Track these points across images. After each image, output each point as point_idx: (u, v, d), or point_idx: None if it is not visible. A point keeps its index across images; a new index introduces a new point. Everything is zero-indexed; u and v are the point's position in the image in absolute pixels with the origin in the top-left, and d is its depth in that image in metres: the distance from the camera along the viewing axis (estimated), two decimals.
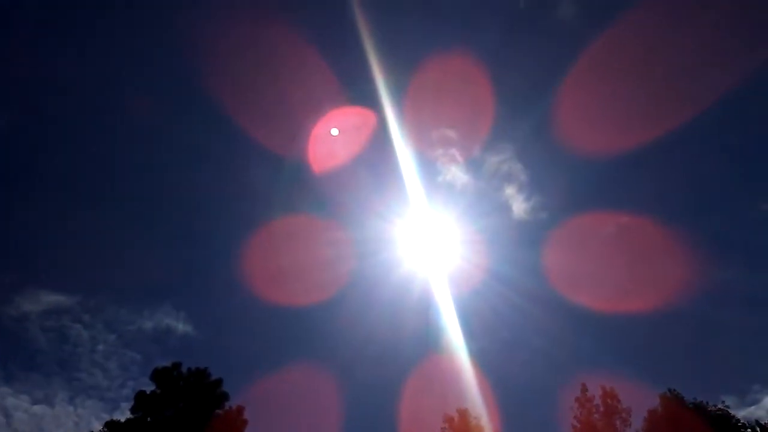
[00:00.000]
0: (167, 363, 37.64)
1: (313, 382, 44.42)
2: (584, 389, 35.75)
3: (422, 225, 51.07)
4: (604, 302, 47.52)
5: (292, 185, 54.72)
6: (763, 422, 33.06)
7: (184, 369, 37.54)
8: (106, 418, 35.75)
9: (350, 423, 42.76)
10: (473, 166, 58.47)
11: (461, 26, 58.28)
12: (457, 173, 57.17)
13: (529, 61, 58.99)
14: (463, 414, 36.29)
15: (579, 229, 52.70)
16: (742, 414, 35.19)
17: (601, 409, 34.91)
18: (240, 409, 37.13)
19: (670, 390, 34.53)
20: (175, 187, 62.23)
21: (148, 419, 35.62)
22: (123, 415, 35.98)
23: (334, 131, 51.64)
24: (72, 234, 56.71)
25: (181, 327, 56.28)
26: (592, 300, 47.61)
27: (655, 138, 51.27)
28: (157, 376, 36.99)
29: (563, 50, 55.03)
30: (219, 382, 37.43)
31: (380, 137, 49.64)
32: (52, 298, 53.08)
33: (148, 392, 36.47)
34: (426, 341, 44.81)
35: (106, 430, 34.78)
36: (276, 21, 50.22)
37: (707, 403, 33.98)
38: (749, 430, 32.82)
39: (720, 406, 33.73)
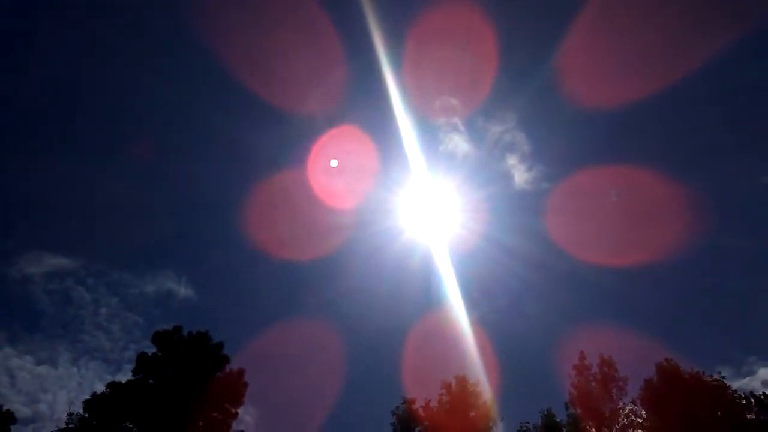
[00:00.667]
0: (169, 326, 37.84)
1: (314, 338, 44.81)
2: (582, 357, 36.06)
3: (424, 193, 50.82)
4: (606, 256, 47.66)
5: (298, 142, 54.08)
6: (758, 393, 33.42)
7: (185, 332, 37.76)
8: (109, 379, 36.10)
9: (352, 380, 43.29)
10: (475, 135, 57.90)
11: None
12: (459, 142, 56.67)
13: (531, 16, 57.54)
14: (461, 381, 36.54)
15: (582, 185, 52.27)
16: (737, 385, 35.69)
17: (599, 377, 35.27)
18: (241, 372, 37.46)
19: (666, 360, 34.78)
20: (176, 149, 61.82)
21: (150, 381, 35.96)
22: (125, 376, 36.39)
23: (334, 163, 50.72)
24: (74, 197, 56.61)
25: (183, 291, 56.72)
26: (594, 255, 47.83)
27: (660, 90, 50.42)
28: (158, 338, 37.20)
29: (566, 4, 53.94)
30: (220, 345, 37.66)
31: (381, 105, 48.96)
32: (54, 261, 53.26)
33: (149, 354, 36.76)
34: (427, 306, 45.05)
35: (108, 391, 35.01)
36: None
37: (703, 373, 34.26)
38: (743, 400, 33.16)
39: (716, 376, 34.07)
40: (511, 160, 59.16)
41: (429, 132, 54.39)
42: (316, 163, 52.17)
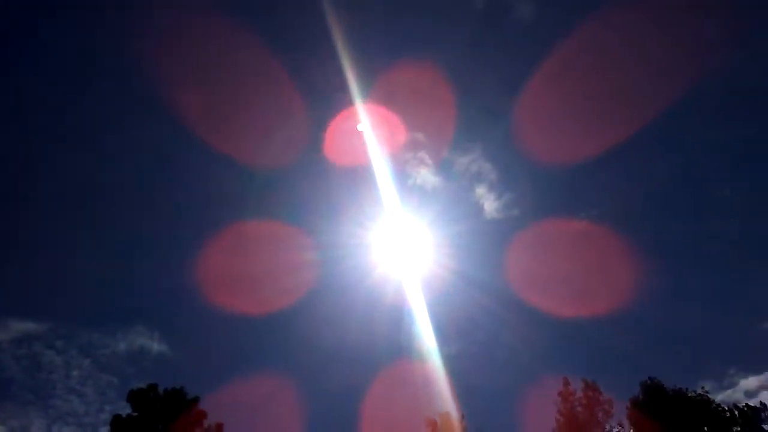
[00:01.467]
0: (144, 384, 36.81)
1: (283, 387, 43.93)
2: (566, 383, 35.81)
3: (395, 229, 51.01)
4: (567, 306, 48.20)
5: (259, 192, 54.34)
6: (740, 405, 33.44)
7: (160, 389, 36.78)
8: None
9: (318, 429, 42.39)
10: (443, 167, 58.79)
11: (427, 31, 58.65)
12: (427, 176, 57.37)
13: (492, 65, 59.87)
14: (446, 417, 35.95)
15: (539, 235, 53.53)
16: (720, 398, 35.62)
17: (584, 401, 35.00)
18: (219, 426, 36.44)
19: (650, 378, 34.81)
20: (137, 202, 61.28)
21: None
22: None
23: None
24: (33, 259, 55.54)
25: (156, 346, 55.30)
26: (554, 304, 48.26)
27: (612, 145, 52.36)
28: (133, 398, 36.07)
29: (525, 55, 56.09)
30: (196, 400, 36.65)
31: (352, 143, 49.61)
32: (21, 326, 51.79)
33: (124, 416, 35.62)
34: (399, 346, 44.57)
35: None
36: (244, 28, 50.00)
37: (687, 389, 34.25)
38: (728, 413, 33.09)
39: (700, 391, 34.06)
40: (480, 190, 59.91)
41: (397, 167, 55.03)
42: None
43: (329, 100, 50.99)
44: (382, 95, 50.09)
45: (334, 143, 50.96)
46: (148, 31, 50.65)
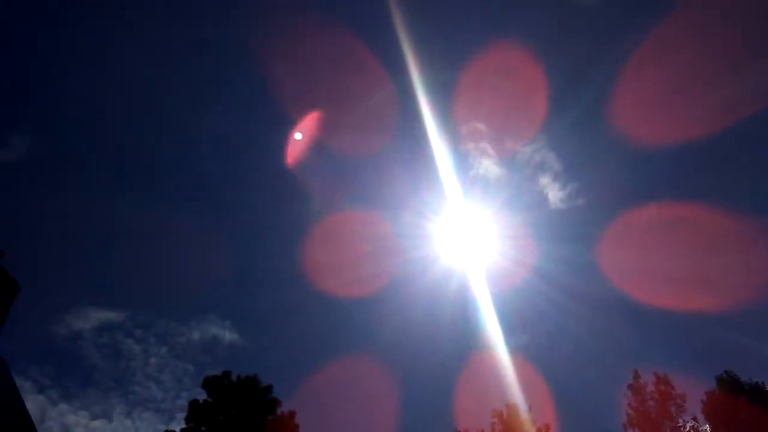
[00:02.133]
0: (218, 372, 38.30)
1: (358, 376, 44.60)
2: (636, 376, 35.34)
3: (458, 220, 50.87)
4: (664, 298, 46.10)
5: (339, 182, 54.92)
6: None
7: (234, 377, 38.19)
8: (163, 429, 36.56)
9: (402, 412, 42.83)
10: (506, 157, 58.02)
11: (510, 17, 57.38)
12: (490, 166, 56.80)
13: (576, 49, 57.72)
14: (512, 408, 36.01)
15: (634, 222, 51.31)
16: None
17: (656, 396, 34.42)
18: (291, 414, 37.54)
19: (726, 372, 33.97)
20: (214, 193, 63.09)
21: (203, 428, 36.30)
22: (179, 425, 36.56)
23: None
24: (113, 249, 58.18)
25: (228, 336, 57.29)
26: (649, 295, 46.26)
27: (716, 129, 49.34)
28: (208, 385, 37.60)
29: (611, 36, 53.96)
30: (269, 388, 37.88)
31: (416, 132, 49.60)
32: (101, 315, 54.50)
33: (200, 401, 37.19)
34: (465, 339, 44.64)
35: None
36: (321, 22, 50.42)
37: (764, 383, 33.30)
38: None
39: None
40: (544, 180, 58.83)
41: (458, 158, 54.60)
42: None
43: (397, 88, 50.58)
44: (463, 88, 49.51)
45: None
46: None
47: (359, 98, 52.42)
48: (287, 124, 58.69)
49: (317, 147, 53.60)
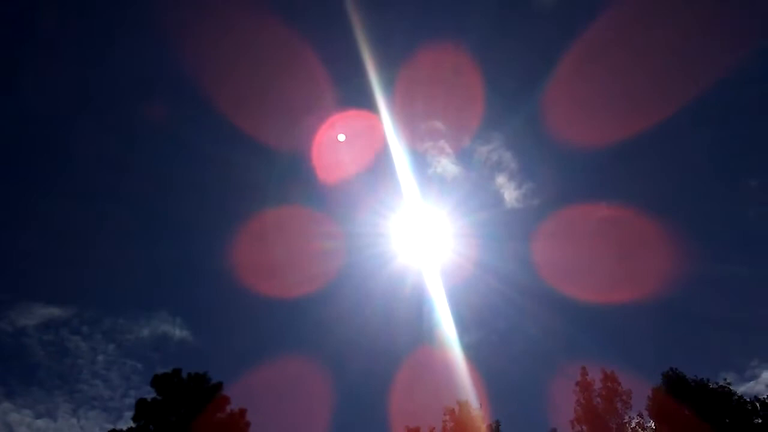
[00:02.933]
0: (168, 370, 37.62)
1: (307, 373, 44.47)
2: (584, 373, 35.75)
3: (415, 218, 51.01)
4: (594, 293, 47.67)
5: (284, 177, 54.63)
6: (762, 397, 32.99)
7: (184, 374, 37.55)
8: (110, 428, 35.59)
9: (342, 414, 42.85)
10: (463, 156, 58.53)
11: (451, 17, 58.17)
12: (447, 165, 57.17)
13: (519, 51, 58.98)
14: (464, 406, 36.14)
15: (567, 221, 52.95)
16: (741, 389, 35.42)
17: (603, 392, 34.88)
18: (242, 412, 37.06)
19: (671, 369, 34.51)
20: (161, 188, 62.15)
21: (150, 427, 35.60)
22: (126, 424, 35.81)
23: (341, 137, 51.49)
24: (59, 243, 56.81)
25: (178, 333, 56.47)
26: (581, 291, 47.74)
27: (643, 129, 51.57)
28: (157, 382, 36.93)
29: (552, 40, 55.19)
30: (219, 385, 37.38)
31: (373, 133, 49.66)
32: (46, 311, 53.18)
33: (149, 400, 36.46)
34: (419, 334, 44.81)
35: None
36: (268, 15, 50.25)
37: (708, 380, 33.91)
38: (749, 405, 32.69)
39: (722, 383, 33.68)
40: (500, 179, 59.48)
41: (417, 156, 54.92)
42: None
43: (351, 86, 50.83)
44: (405, 82, 49.85)
45: (351, 132, 51.14)
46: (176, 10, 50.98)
47: (312, 100, 52.46)
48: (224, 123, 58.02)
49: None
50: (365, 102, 47.81)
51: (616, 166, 60.81)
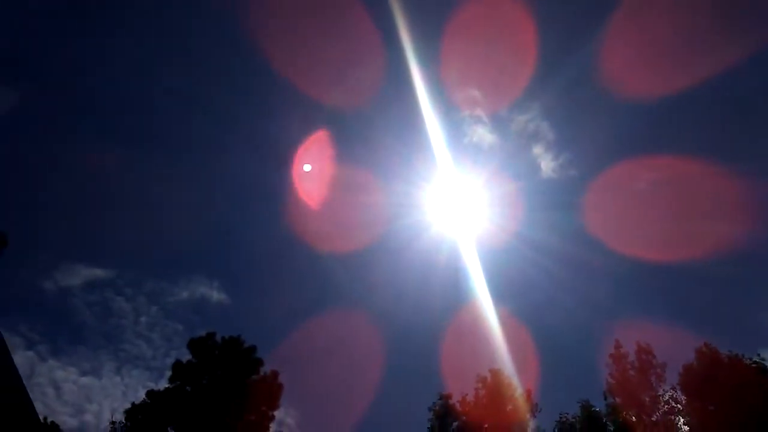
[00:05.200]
0: (205, 332, 38.13)
1: (350, 331, 44.71)
2: (618, 345, 35.85)
3: (450, 188, 50.57)
4: (644, 251, 46.80)
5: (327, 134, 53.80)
6: None
7: (218, 338, 38.00)
8: (152, 386, 36.43)
9: (385, 376, 43.26)
10: (499, 125, 57.62)
11: None
12: (484, 134, 56.33)
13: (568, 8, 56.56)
14: (496, 374, 36.49)
15: (619, 176, 51.44)
16: None
17: (636, 365, 35.06)
18: (275, 374, 37.63)
19: (705, 344, 34.50)
20: (204, 146, 61.72)
21: (187, 388, 36.21)
22: (167, 384, 36.47)
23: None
24: (99, 206, 57.03)
25: (216, 295, 57.17)
26: (631, 249, 46.89)
27: (702, 80, 49.17)
28: (192, 346, 37.44)
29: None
30: (253, 348, 37.84)
31: (407, 97, 48.72)
32: (89, 272, 53.77)
33: (184, 362, 37.00)
34: (455, 304, 44.93)
35: (147, 399, 35.37)
36: None
37: (743, 356, 33.93)
38: None
39: (755, 359, 33.74)
40: (537, 150, 58.61)
41: (453, 125, 53.97)
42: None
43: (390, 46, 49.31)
44: (446, 47, 48.48)
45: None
46: None
47: (353, 63, 51.39)
48: (275, 88, 57.17)
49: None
50: (402, 67, 46.36)
51: (670, 120, 58.63)
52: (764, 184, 51.03)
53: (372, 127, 53.67)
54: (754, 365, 33.32)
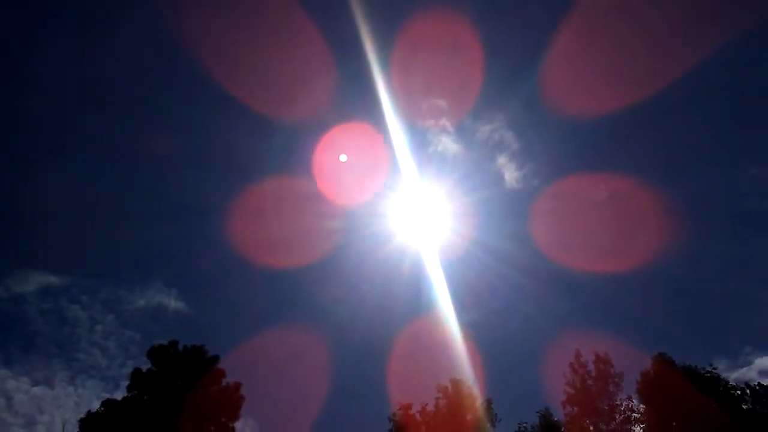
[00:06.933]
0: (165, 341, 37.73)
1: (302, 346, 44.75)
2: (578, 355, 36.23)
3: (414, 197, 51.02)
4: (591, 263, 47.98)
5: (282, 150, 54.23)
6: (753, 384, 33.70)
7: (180, 347, 37.64)
8: (107, 397, 35.77)
9: (343, 386, 43.13)
10: (464, 135, 58.49)
11: None
12: (448, 143, 57.11)
13: (518, 24, 58.30)
14: (457, 384, 36.52)
15: (566, 194, 52.98)
16: (734, 376, 36.10)
17: (594, 374, 35.44)
18: (237, 386, 37.25)
19: (661, 354, 35.13)
20: (158, 156, 61.62)
21: (144, 397, 35.73)
22: (123, 393, 35.94)
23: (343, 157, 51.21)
24: (55, 213, 56.43)
25: (173, 303, 56.53)
26: (578, 262, 48.08)
27: (645, 98, 51.19)
28: (153, 354, 37.05)
29: (552, 11, 54.73)
30: (215, 358, 37.54)
31: (371, 109, 49.44)
32: (43, 279, 52.98)
33: (144, 370, 36.55)
34: (416, 313, 45.07)
35: (102, 409, 34.74)
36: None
37: (697, 366, 34.55)
38: (738, 391, 33.40)
39: (709, 369, 34.35)
40: (501, 160, 59.52)
41: (418, 135, 54.79)
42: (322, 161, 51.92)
43: (349, 60, 50.32)
44: (403, 54, 49.43)
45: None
46: None
47: (313, 75, 52.15)
48: (230, 101, 57.60)
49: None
50: (363, 78, 47.29)
51: (618, 138, 60.61)
52: (707, 198, 53.67)
53: (334, 137, 54.02)
54: (707, 375, 33.94)
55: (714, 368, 34.10)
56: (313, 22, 49.79)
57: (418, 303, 46.12)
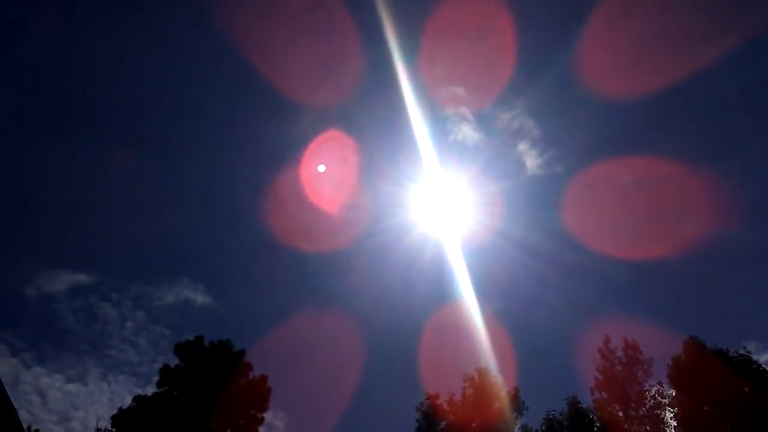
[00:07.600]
0: (191, 337, 38.15)
1: (333, 330, 44.65)
2: (607, 341, 35.90)
3: (435, 187, 50.49)
4: (624, 249, 46.98)
5: (308, 137, 53.71)
6: None
7: (206, 342, 38.01)
8: (139, 392, 36.58)
9: (368, 375, 43.21)
10: (484, 123, 57.54)
11: None
12: (468, 132, 56.26)
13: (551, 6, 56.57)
14: (483, 373, 36.44)
15: (598, 176, 51.58)
16: (765, 359, 35.21)
17: (624, 360, 35.10)
18: (263, 378, 37.64)
19: (692, 337, 34.53)
20: (184, 145, 61.67)
21: (174, 392, 36.22)
22: (155, 388, 36.46)
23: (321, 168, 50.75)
24: (81, 211, 57.04)
25: (200, 299, 57.09)
26: (607, 248, 47.06)
27: (681, 80, 49.54)
28: (180, 350, 37.48)
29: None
30: (242, 352, 37.87)
31: (391, 96, 48.73)
32: (72, 278, 53.72)
33: (172, 366, 37.01)
34: (439, 303, 44.89)
35: (134, 404, 35.33)
36: None
37: (728, 349, 33.92)
38: None
39: (742, 351, 33.70)
40: (522, 147, 58.45)
41: (438, 123, 53.90)
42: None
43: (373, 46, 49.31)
44: (430, 43, 48.47)
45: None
46: None
47: (336, 63, 51.54)
48: (258, 90, 57.25)
49: None
50: (386, 66, 46.37)
51: (650, 120, 58.46)
52: (740, 184, 52.04)
53: (356, 126, 53.51)
54: (740, 358, 33.29)
55: (748, 351, 33.41)
56: (342, 8, 48.57)
57: (440, 292, 45.90)
